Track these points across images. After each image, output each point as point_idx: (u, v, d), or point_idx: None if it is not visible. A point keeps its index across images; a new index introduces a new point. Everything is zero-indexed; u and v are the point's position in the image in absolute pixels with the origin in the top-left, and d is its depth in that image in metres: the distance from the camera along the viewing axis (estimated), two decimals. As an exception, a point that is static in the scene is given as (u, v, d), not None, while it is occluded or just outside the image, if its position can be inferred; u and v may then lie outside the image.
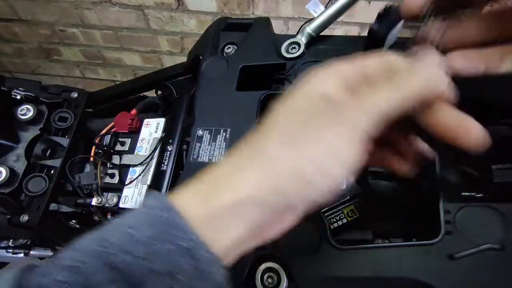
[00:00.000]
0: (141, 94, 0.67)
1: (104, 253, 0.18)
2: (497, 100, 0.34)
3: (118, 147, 0.54)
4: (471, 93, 0.25)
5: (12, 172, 0.49)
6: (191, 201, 0.20)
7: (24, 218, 0.48)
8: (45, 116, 0.55)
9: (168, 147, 0.49)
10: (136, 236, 0.18)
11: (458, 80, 0.23)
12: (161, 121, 0.54)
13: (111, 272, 0.17)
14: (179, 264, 0.18)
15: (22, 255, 0.63)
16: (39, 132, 0.54)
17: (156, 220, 0.19)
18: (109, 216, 0.51)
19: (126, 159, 0.52)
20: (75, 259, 0.18)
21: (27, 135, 0.54)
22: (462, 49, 0.25)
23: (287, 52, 0.48)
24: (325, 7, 0.49)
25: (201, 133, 0.45)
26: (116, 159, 0.53)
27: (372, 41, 0.37)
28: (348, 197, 0.42)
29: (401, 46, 0.30)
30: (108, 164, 0.52)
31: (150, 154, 0.50)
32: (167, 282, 0.18)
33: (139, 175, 0.50)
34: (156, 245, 0.18)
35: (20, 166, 0.51)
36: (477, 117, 0.38)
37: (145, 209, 0.20)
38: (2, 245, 0.61)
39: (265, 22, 0.53)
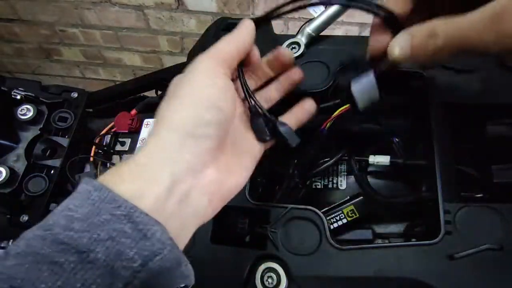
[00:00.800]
0: (141, 94, 0.67)
1: (49, 235, 0.20)
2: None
3: (118, 147, 0.54)
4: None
5: (12, 172, 0.49)
6: (117, 180, 0.22)
7: (24, 218, 0.48)
8: (45, 116, 0.55)
9: (168, 147, 0.49)
10: (75, 215, 0.20)
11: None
12: (161, 121, 0.54)
13: (59, 246, 0.19)
14: (121, 229, 0.20)
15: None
16: (39, 132, 0.54)
17: (90, 199, 0.21)
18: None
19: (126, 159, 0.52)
20: (21, 246, 0.19)
21: (27, 135, 0.54)
22: None
23: (287, 52, 0.48)
24: (325, 7, 0.49)
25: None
26: (116, 159, 0.53)
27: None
28: (348, 197, 0.42)
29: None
30: (108, 164, 0.52)
31: (150, 154, 0.50)
32: (114, 246, 0.20)
33: (139, 175, 0.50)
34: (94, 218, 0.20)
35: (20, 166, 0.51)
36: (476, 117, 0.38)
37: (78, 194, 0.22)
38: (2, 245, 0.61)
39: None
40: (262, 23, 0.33)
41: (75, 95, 0.58)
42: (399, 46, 0.25)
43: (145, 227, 0.21)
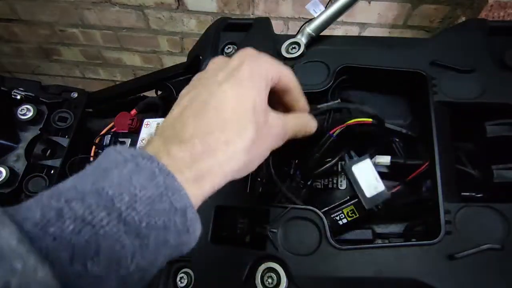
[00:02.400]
0: (141, 94, 0.67)
1: (113, 209, 0.20)
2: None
3: (118, 147, 0.54)
4: None
5: (12, 172, 0.49)
6: (178, 168, 0.23)
7: (24, 218, 0.47)
8: (45, 116, 0.55)
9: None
10: (138, 195, 0.21)
11: None
12: (161, 121, 0.54)
13: (124, 226, 0.20)
14: (175, 222, 0.22)
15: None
16: (39, 132, 0.54)
17: (154, 181, 0.22)
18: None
19: (126, 159, 0.52)
20: (85, 212, 0.20)
21: (27, 135, 0.54)
22: None
23: (287, 52, 0.48)
24: (325, 7, 0.49)
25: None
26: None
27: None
28: (348, 197, 0.42)
29: None
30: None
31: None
32: (164, 235, 0.22)
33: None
34: (156, 204, 0.21)
35: (20, 166, 0.51)
36: (476, 117, 0.38)
37: (141, 169, 0.22)
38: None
39: (265, 22, 0.53)
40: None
41: (75, 95, 0.58)
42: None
43: (191, 224, 0.23)
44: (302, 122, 0.33)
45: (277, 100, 0.32)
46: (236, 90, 0.26)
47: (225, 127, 0.25)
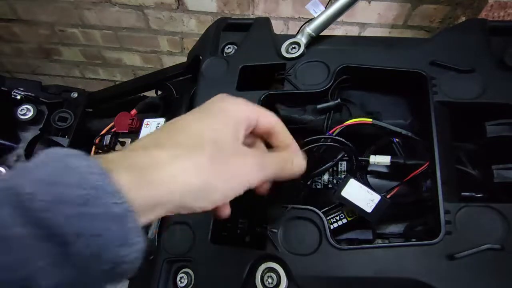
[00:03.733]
0: (141, 94, 0.67)
1: (26, 209, 0.17)
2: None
3: (118, 147, 0.54)
4: None
5: (12, 172, 0.49)
6: (126, 178, 0.21)
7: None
8: (45, 116, 0.55)
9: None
10: (66, 195, 0.18)
11: None
12: (161, 121, 0.54)
13: (39, 229, 0.17)
14: (109, 228, 0.19)
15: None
16: (39, 132, 0.54)
17: (89, 183, 0.19)
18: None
19: (126, 159, 0.52)
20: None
21: (27, 135, 0.54)
22: None
23: (287, 52, 0.48)
24: (325, 7, 0.49)
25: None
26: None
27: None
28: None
29: None
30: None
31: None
32: (95, 243, 0.18)
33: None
34: (87, 207, 0.18)
35: (20, 166, 0.51)
36: (476, 117, 0.38)
37: (80, 169, 0.19)
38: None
39: (265, 22, 0.53)
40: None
41: (75, 95, 0.58)
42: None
43: (131, 234, 0.20)
44: (283, 159, 0.31)
45: (265, 143, 0.33)
46: (199, 120, 0.27)
47: (177, 146, 0.24)
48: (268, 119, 0.31)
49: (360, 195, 0.38)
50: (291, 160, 0.32)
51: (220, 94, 0.30)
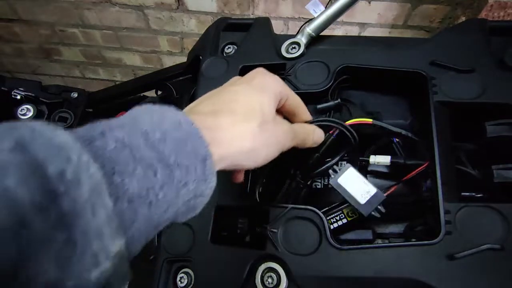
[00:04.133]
0: (141, 94, 0.67)
1: (148, 139, 0.23)
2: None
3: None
4: None
5: (12, 172, 0.49)
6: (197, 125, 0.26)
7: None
8: (45, 116, 0.55)
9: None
10: (168, 134, 0.23)
11: None
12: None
13: (157, 154, 0.22)
14: (196, 166, 0.24)
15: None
16: (39, 132, 0.54)
17: (181, 129, 0.24)
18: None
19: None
20: (124, 136, 0.22)
21: (27, 135, 0.53)
22: None
23: (287, 52, 0.48)
24: (325, 7, 0.49)
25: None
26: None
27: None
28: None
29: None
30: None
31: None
32: (186, 175, 0.23)
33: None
34: (182, 146, 0.23)
35: (20, 166, 0.51)
36: (476, 117, 0.38)
37: (172, 119, 0.24)
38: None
39: (265, 22, 0.53)
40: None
41: (75, 95, 0.58)
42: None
43: (209, 174, 0.25)
44: (309, 128, 0.37)
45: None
46: (247, 91, 0.31)
47: (234, 113, 0.29)
48: (296, 98, 0.36)
49: (356, 184, 0.38)
50: (313, 131, 0.38)
51: (260, 68, 0.34)
